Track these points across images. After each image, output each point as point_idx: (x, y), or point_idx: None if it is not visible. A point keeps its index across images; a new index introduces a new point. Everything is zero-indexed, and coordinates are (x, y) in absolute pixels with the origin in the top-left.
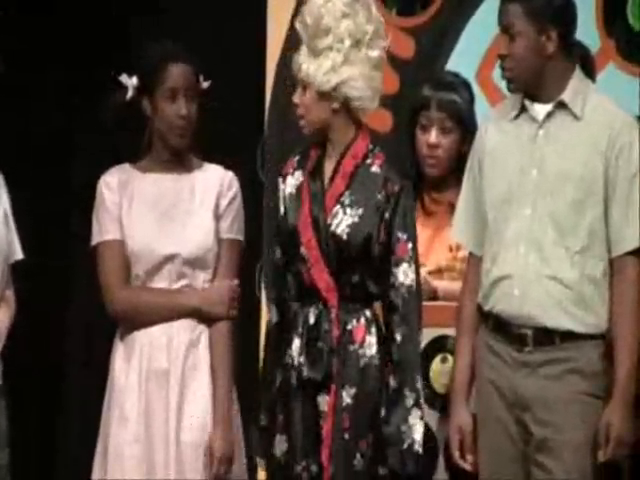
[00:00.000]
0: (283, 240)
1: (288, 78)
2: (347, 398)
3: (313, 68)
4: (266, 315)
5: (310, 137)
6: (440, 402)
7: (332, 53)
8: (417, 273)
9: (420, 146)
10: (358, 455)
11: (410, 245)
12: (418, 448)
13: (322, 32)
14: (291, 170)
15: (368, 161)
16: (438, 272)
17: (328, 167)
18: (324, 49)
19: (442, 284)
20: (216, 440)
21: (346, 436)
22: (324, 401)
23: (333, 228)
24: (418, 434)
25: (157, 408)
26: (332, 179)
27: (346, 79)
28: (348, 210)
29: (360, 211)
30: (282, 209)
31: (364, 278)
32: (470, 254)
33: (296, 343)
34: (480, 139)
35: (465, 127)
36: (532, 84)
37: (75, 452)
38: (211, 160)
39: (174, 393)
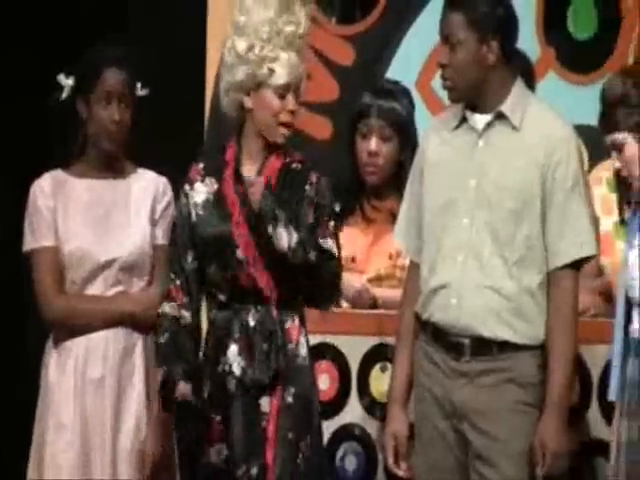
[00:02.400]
0: (202, 247)
1: None
2: (289, 397)
3: (303, 68)
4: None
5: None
6: (379, 409)
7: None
8: (339, 252)
9: (360, 154)
10: (300, 455)
11: (332, 224)
12: None
13: (305, 31)
14: (198, 177)
15: (287, 159)
16: (378, 280)
17: (248, 169)
18: (303, 47)
19: (382, 292)
20: (149, 443)
21: (289, 435)
22: (266, 403)
23: (271, 228)
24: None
25: (93, 416)
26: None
27: None
28: (284, 207)
29: (293, 207)
30: (193, 216)
31: (296, 275)
32: (411, 262)
33: (232, 349)
34: (422, 148)
35: (405, 135)
36: (472, 94)
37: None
38: (152, 166)
39: (110, 401)
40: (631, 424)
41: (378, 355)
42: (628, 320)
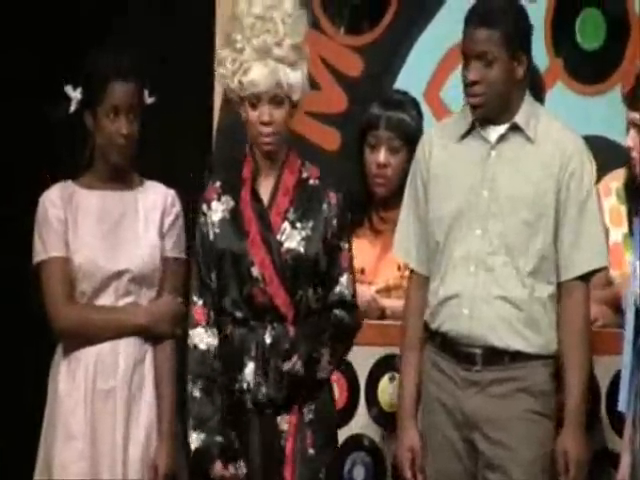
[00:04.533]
0: (219, 264)
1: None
2: (309, 414)
3: (294, 79)
4: None
5: (266, 156)
6: (387, 420)
7: (305, 62)
8: (354, 281)
9: (369, 165)
10: (324, 469)
11: (350, 254)
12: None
13: (301, 42)
14: (215, 195)
15: (304, 175)
16: (386, 290)
17: (264, 186)
18: (300, 58)
19: (390, 303)
20: (160, 456)
21: (310, 451)
22: (284, 420)
23: (287, 244)
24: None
25: (104, 426)
26: (273, 197)
27: (306, 85)
28: (298, 224)
29: (310, 224)
30: (211, 235)
31: (315, 292)
32: (412, 272)
33: (250, 367)
34: (423, 159)
35: (413, 146)
36: (497, 110)
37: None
38: (159, 179)
39: (121, 412)
40: None
41: (386, 365)
42: (638, 331)
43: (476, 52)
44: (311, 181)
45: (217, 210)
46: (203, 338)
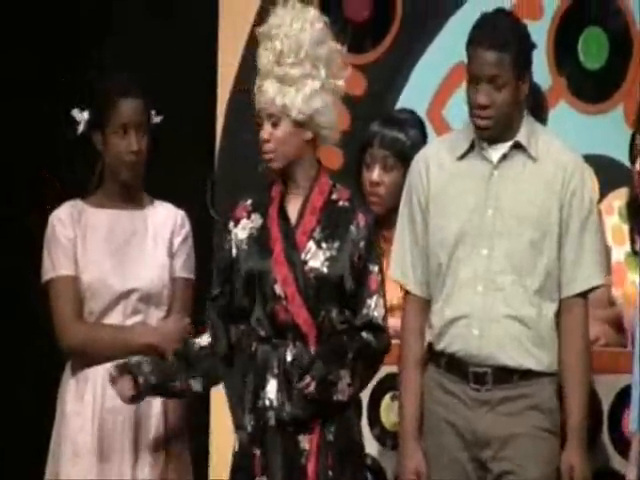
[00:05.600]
0: (244, 282)
1: (238, 114)
2: (329, 435)
3: (290, 97)
4: None
5: (266, 174)
6: (390, 439)
7: (309, 80)
8: (385, 305)
9: (364, 183)
10: None
11: (379, 277)
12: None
13: (300, 60)
14: (244, 214)
15: (334, 196)
16: (390, 310)
17: (293, 205)
18: (300, 77)
19: (393, 322)
20: (170, 475)
21: (330, 473)
22: (305, 439)
23: (311, 264)
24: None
25: (112, 445)
26: (301, 216)
27: (321, 107)
28: (323, 244)
29: (336, 245)
30: (234, 251)
31: (338, 312)
32: (408, 293)
33: (272, 384)
34: (419, 178)
35: (409, 165)
36: (502, 131)
37: None
38: (162, 196)
39: (129, 430)
40: None
41: (389, 384)
42: None
43: (487, 76)
44: (341, 202)
45: (245, 228)
46: (198, 340)
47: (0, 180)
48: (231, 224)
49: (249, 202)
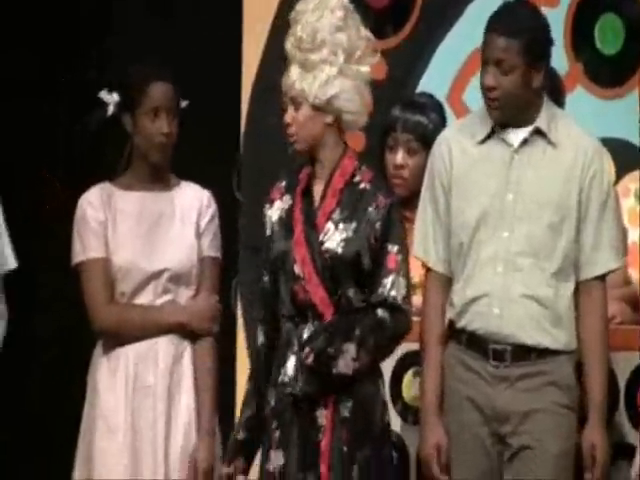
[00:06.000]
0: (272, 262)
1: (263, 97)
2: (344, 411)
3: (307, 82)
4: (242, 329)
5: (294, 157)
6: (412, 414)
7: (326, 66)
8: (407, 286)
9: (387, 166)
10: (355, 466)
11: (400, 257)
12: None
13: (317, 45)
14: (278, 195)
15: (356, 178)
16: (412, 288)
17: (318, 187)
18: (318, 62)
19: (416, 300)
20: (200, 451)
21: (345, 448)
22: (322, 415)
23: (327, 244)
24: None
25: (144, 421)
26: (323, 198)
27: (340, 92)
28: (340, 225)
29: (353, 225)
30: (268, 232)
31: (356, 292)
32: (430, 271)
33: (292, 360)
34: (441, 161)
35: (431, 148)
36: (513, 115)
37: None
38: (189, 179)
39: (160, 407)
40: None
41: (411, 361)
42: None
43: (494, 59)
44: (362, 184)
45: (277, 209)
46: (258, 336)
47: (0, 180)
48: (267, 206)
49: (283, 184)
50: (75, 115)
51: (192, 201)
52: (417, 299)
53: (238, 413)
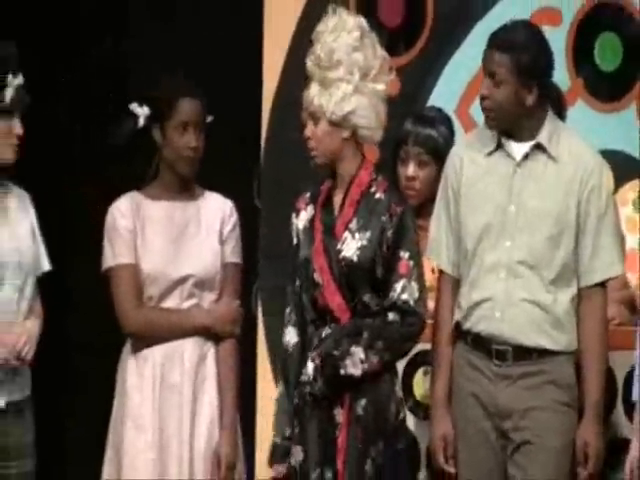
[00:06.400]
0: (298, 269)
1: (283, 112)
2: (359, 409)
3: (325, 99)
4: (262, 332)
5: (315, 171)
6: (422, 411)
7: (343, 84)
8: (420, 290)
9: (400, 178)
10: (369, 461)
11: (412, 263)
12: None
13: (334, 64)
14: (303, 205)
15: (372, 189)
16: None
17: (337, 198)
18: (335, 80)
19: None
20: (223, 446)
21: (359, 446)
22: (339, 413)
23: (344, 253)
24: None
25: (171, 419)
26: (341, 208)
27: (355, 108)
28: (357, 235)
29: (368, 234)
30: (295, 240)
31: (372, 297)
32: (443, 273)
33: (311, 362)
34: (454, 170)
35: (441, 160)
36: (509, 126)
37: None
38: (212, 189)
39: (186, 405)
40: None
41: (421, 360)
42: None
43: (488, 71)
44: (377, 195)
45: (303, 219)
46: (286, 337)
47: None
48: (294, 215)
49: (308, 194)
50: (76, 116)
51: (216, 211)
52: (428, 302)
53: (274, 415)
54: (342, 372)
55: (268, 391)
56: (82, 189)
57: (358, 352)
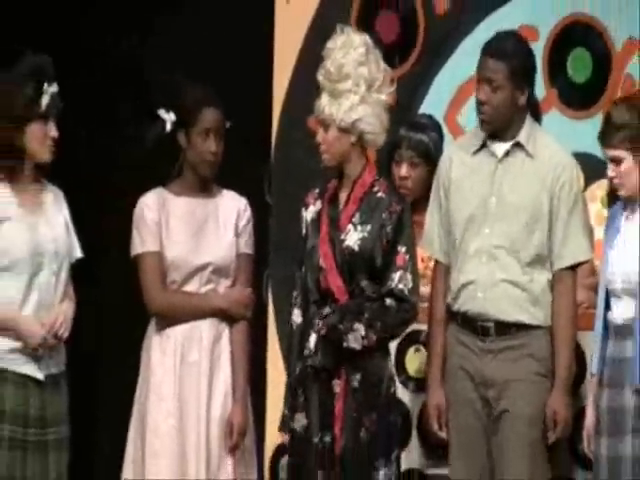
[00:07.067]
0: (305, 256)
1: (291, 117)
2: (354, 382)
3: (334, 108)
4: (272, 316)
5: (324, 168)
6: (413, 384)
7: (350, 95)
8: (413, 281)
9: (394, 178)
10: (363, 429)
11: (408, 256)
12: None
13: (343, 77)
14: (312, 200)
15: (375, 189)
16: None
17: (343, 194)
18: (344, 92)
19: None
20: (235, 416)
21: (354, 414)
22: (337, 385)
23: (347, 242)
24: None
25: (190, 391)
26: (346, 203)
27: (362, 116)
28: (359, 227)
29: (368, 227)
30: (304, 231)
31: (368, 284)
32: (437, 262)
33: (313, 337)
34: (444, 169)
35: (431, 162)
36: (501, 127)
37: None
38: (227, 185)
39: (204, 379)
40: (611, 392)
41: (413, 339)
42: (607, 307)
43: (485, 78)
44: (379, 194)
45: (311, 212)
46: (293, 317)
47: (67, 183)
48: (303, 209)
49: (317, 191)
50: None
51: (232, 207)
52: (422, 288)
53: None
54: (345, 344)
55: (277, 367)
56: (110, 188)
57: (360, 329)
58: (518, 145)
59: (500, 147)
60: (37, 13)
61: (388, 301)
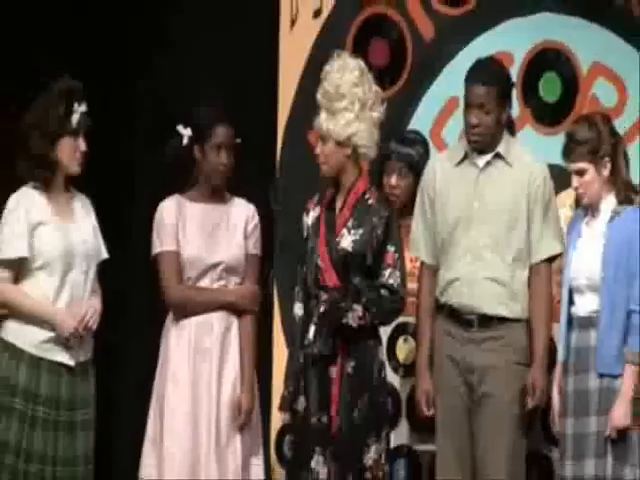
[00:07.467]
0: (306, 256)
1: (293, 132)
2: (349, 368)
3: (332, 124)
4: (278, 311)
5: (322, 178)
6: (402, 370)
7: (346, 112)
8: (402, 277)
9: (385, 186)
10: (356, 410)
11: (396, 255)
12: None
13: (339, 97)
14: (312, 206)
15: (366, 197)
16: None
17: (339, 202)
18: (340, 109)
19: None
20: (243, 398)
21: (347, 397)
22: (333, 371)
23: (341, 244)
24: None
25: (202, 376)
26: (341, 210)
27: (356, 131)
28: (352, 231)
29: (361, 231)
30: (305, 234)
31: (360, 280)
32: (423, 263)
33: (312, 328)
34: (429, 179)
35: (417, 173)
36: (488, 144)
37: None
38: (237, 193)
39: (215, 365)
40: (577, 377)
41: (402, 330)
42: (570, 302)
43: (477, 103)
44: (370, 201)
45: (311, 217)
46: (295, 310)
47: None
48: (304, 214)
49: (316, 198)
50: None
51: (241, 212)
52: (410, 285)
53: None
54: (344, 321)
55: (281, 356)
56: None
57: (358, 310)
58: (498, 156)
59: (482, 159)
60: (69, 35)
61: (382, 291)
